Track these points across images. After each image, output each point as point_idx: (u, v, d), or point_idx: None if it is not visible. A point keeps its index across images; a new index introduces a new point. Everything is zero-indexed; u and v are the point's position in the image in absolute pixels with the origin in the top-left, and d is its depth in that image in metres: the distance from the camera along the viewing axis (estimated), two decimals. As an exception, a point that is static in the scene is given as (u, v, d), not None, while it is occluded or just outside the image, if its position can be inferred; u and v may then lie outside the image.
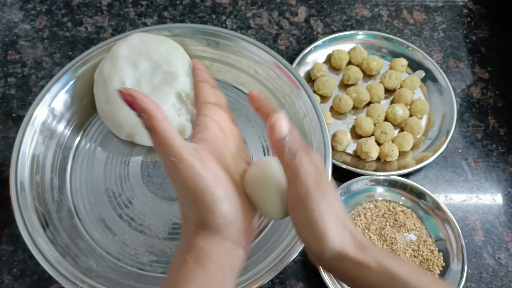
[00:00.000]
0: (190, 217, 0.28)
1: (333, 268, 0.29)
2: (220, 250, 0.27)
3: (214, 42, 0.57)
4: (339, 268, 0.28)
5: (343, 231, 0.28)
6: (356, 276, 0.27)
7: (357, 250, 0.28)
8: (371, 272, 0.27)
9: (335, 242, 0.27)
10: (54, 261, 0.43)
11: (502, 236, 0.53)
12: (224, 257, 0.27)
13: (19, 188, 0.46)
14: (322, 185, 0.28)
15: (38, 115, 0.50)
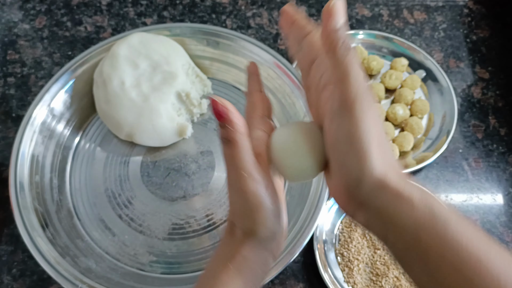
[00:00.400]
0: (239, 226, 0.29)
1: (366, 203, 0.24)
2: (260, 260, 0.29)
3: (214, 41, 0.56)
4: (375, 203, 0.23)
5: (386, 154, 0.23)
6: (394, 212, 0.23)
7: (399, 179, 0.23)
8: (413, 208, 0.23)
9: (378, 165, 0.23)
10: (53, 261, 0.43)
11: (503, 237, 0.53)
12: (261, 266, 0.29)
13: (19, 188, 0.46)
14: (370, 95, 0.23)
15: (38, 115, 0.50)
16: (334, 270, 0.49)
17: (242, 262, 0.28)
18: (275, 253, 0.31)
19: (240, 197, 0.27)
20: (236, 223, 0.30)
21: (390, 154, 0.24)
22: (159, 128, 0.51)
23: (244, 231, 0.29)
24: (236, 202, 0.29)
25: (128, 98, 0.51)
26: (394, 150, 0.55)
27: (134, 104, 0.50)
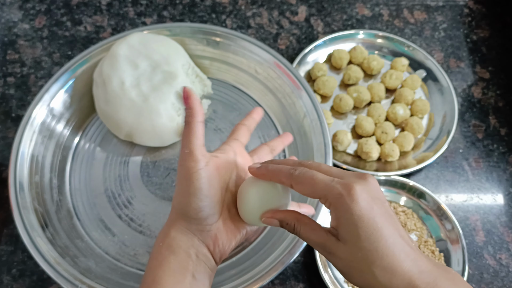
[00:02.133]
0: (175, 206, 0.33)
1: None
2: (189, 242, 0.31)
3: (214, 41, 0.56)
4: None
5: (411, 258, 0.26)
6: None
7: (427, 280, 0.26)
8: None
9: (406, 275, 0.26)
10: (53, 261, 0.43)
11: (503, 237, 0.53)
12: (192, 249, 0.31)
13: (18, 188, 0.46)
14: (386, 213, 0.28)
15: (37, 115, 0.50)
16: (334, 270, 0.49)
17: (171, 242, 0.31)
18: (211, 249, 0.32)
19: (180, 174, 0.31)
20: (174, 204, 0.33)
21: (398, 273, 0.26)
22: (159, 128, 0.51)
23: (177, 208, 0.32)
24: (178, 179, 0.32)
25: (127, 98, 0.51)
26: (394, 150, 0.55)
27: (134, 104, 0.50)
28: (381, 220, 0.27)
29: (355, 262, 0.27)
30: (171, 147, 0.54)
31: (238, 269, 0.45)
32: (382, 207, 0.27)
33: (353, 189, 0.27)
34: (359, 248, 0.26)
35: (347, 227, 0.27)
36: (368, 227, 0.26)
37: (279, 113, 0.56)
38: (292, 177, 0.29)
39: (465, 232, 0.53)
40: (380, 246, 0.26)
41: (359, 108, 0.60)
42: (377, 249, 0.26)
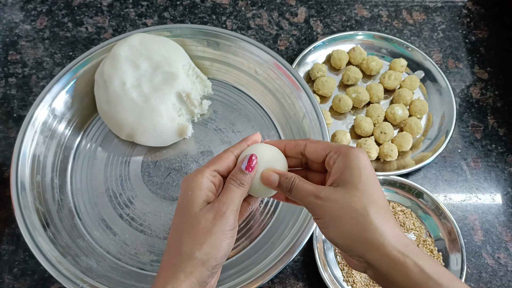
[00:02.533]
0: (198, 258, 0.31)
1: (373, 265, 0.29)
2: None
3: (214, 42, 0.57)
4: (379, 267, 0.29)
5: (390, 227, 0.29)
6: (393, 275, 0.28)
7: (399, 248, 0.28)
8: (409, 272, 0.28)
9: (384, 239, 0.28)
10: (54, 260, 0.43)
11: (501, 236, 0.53)
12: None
13: (20, 188, 0.46)
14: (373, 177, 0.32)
15: (39, 115, 0.51)
16: (334, 269, 0.49)
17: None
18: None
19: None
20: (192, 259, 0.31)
21: (389, 221, 0.29)
22: (160, 128, 0.51)
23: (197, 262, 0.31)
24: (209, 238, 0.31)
25: (129, 98, 0.51)
26: (393, 150, 0.55)
27: (135, 105, 0.51)
28: (376, 181, 0.31)
29: (352, 201, 0.30)
30: (172, 147, 0.55)
31: (238, 268, 0.46)
32: (375, 173, 0.32)
33: (362, 150, 0.32)
34: (359, 189, 0.30)
35: (352, 172, 0.30)
36: (368, 175, 0.31)
37: (278, 113, 0.56)
38: (309, 140, 0.34)
39: (464, 232, 0.53)
40: (375, 195, 0.30)
41: (358, 108, 0.61)
42: (373, 195, 0.30)
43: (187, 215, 0.31)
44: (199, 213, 0.31)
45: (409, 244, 0.29)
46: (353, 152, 0.31)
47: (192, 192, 0.31)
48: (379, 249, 0.28)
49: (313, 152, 0.34)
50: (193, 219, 0.31)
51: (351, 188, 0.30)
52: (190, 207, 0.31)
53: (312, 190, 0.31)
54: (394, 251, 0.28)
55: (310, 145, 0.34)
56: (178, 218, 0.32)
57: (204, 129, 0.56)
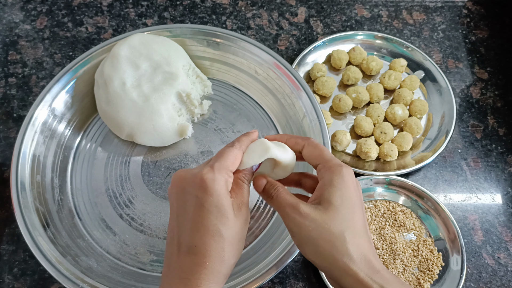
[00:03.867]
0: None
1: (340, 283, 0.30)
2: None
3: (214, 42, 0.57)
4: (346, 285, 0.29)
5: (360, 246, 0.30)
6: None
7: (367, 270, 0.29)
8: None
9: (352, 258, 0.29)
10: (54, 260, 0.43)
11: (502, 236, 0.53)
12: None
13: (20, 188, 0.46)
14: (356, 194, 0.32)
15: (39, 115, 0.51)
16: (334, 269, 0.49)
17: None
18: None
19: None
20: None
21: (364, 247, 0.30)
22: (160, 128, 0.51)
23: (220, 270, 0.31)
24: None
25: (129, 98, 0.51)
26: (393, 150, 0.55)
27: (135, 105, 0.51)
28: (358, 203, 0.32)
29: (330, 224, 0.30)
30: (172, 147, 0.55)
31: (238, 268, 0.46)
32: (360, 194, 0.32)
33: (349, 168, 0.32)
34: (339, 212, 0.30)
35: (334, 191, 0.31)
36: (351, 197, 0.31)
37: (278, 113, 0.56)
38: (309, 140, 0.35)
39: (464, 232, 0.53)
40: (354, 219, 0.30)
41: (358, 108, 0.61)
42: (351, 220, 0.30)
43: (226, 224, 0.30)
44: (235, 219, 0.31)
45: (381, 270, 0.30)
46: (339, 171, 0.31)
47: (225, 198, 0.31)
48: (351, 275, 0.29)
49: (308, 155, 0.34)
50: (232, 227, 0.31)
51: (332, 210, 0.30)
52: (229, 215, 0.31)
53: (292, 202, 0.31)
54: (366, 278, 0.29)
55: (307, 148, 0.34)
56: (214, 224, 0.30)
57: (204, 129, 0.56)
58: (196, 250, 0.30)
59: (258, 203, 0.51)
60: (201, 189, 0.31)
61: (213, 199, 0.30)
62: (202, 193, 0.31)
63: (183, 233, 0.31)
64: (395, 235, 0.51)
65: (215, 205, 0.30)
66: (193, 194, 0.31)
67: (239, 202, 0.32)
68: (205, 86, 0.58)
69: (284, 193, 0.32)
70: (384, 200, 0.54)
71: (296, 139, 0.35)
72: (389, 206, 0.54)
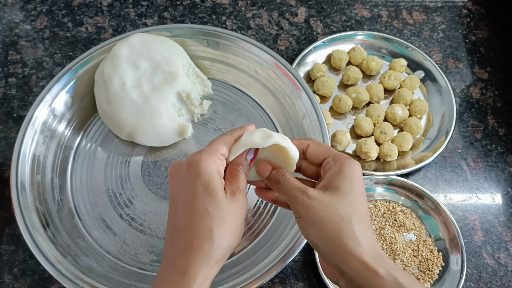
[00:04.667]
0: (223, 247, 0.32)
1: (345, 274, 0.30)
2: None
3: (214, 42, 0.57)
4: (352, 275, 0.29)
5: (365, 234, 0.30)
6: (366, 283, 0.29)
7: (372, 256, 0.29)
8: (382, 280, 0.28)
9: (358, 247, 0.29)
10: (54, 260, 0.43)
11: (502, 236, 0.53)
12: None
13: (20, 188, 0.46)
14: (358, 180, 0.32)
15: (39, 115, 0.51)
16: (334, 269, 0.49)
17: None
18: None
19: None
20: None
21: (368, 233, 0.30)
22: (160, 128, 0.51)
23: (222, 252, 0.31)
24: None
25: (129, 98, 0.51)
26: (393, 150, 0.55)
27: (135, 105, 0.51)
28: (364, 193, 0.32)
29: (338, 206, 0.30)
30: (172, 147, 0.55)
31: (238, 268, 0.46)
32: (364, 187, 0.33)
33: (357, 162, 0.33)
34: (347, 197, 0.31)
35: (344, 180, 0.31)
36: (358, 186, 0.32)
37: (278, 113, 0.56)
38: (312, 140, 0.35)
39: (464, 232, 0.53)
40: (360, 206, 0.31)
41: (358, 108, 0.61)
42: (359, 206, 0.31)
43: (214, 203, 0.30)
44: (226, 201, 0.31)
45: (384, 255, 0.30)
46: (349, 162, 0.32)
47: (213, 179, 0.31)
48: (356, 258, 0.29)
49: (314, 153, 0.35)
50: (222, 208, 0.31)
51: (340, 195, 0.31)
52: (216, 194, 0.31)
53: (301, 186, 0.32)
54: (371, 260, 0.29)
55: (312, 145, 0.35)
56: (202, 203, 0.30)
57: (204, 129, 0.56)
58: (185, 232, 0.30)
59: (258, 203, 0.51)
60: (190, 170, 0.31)
61: (200, 179, 0.31)
62: (191, 174, 0.31)
63: (175, 217, 0.32)
64: (395, 235, 0.51)
65: (202, 184, 0.31)
66: (184, 177, 0.32)
67: (233, 188, 0.32)
68: (205, 86, 0.58)
69: (292, 178, 0.33)
70: (384, 200, 0.54)
71: (299, 140, 0.36)
72: (389, 206, 0.54)
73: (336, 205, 0.30)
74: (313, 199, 0.31)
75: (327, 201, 0.30)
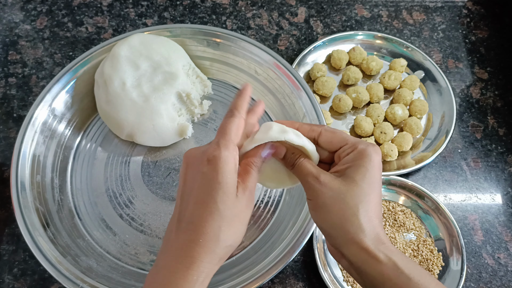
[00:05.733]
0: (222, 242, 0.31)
1: (346, 256, 0.30)
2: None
3: (214, 42, 0.57)
4: (352, 258, 0.30)
5: (371, 220, 0.30)
6: (365, 266, 0.30)
7: (373, 241, 0.30)
8: (382, 265, 0.29)
9: (362, 232, 0.30)
10: (54, 260, 0.43)
11: (502, 236, 0.53)
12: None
13: (20, 188, 0.46)
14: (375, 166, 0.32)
15: (39, 115, 0.51)
16: (334, 269, 0.49)
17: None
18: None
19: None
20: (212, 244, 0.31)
21: (374, 220, 0.31)
22: (160, 128, 0.51)
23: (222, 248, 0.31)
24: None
25: (129, 98, 0.51)
26: (393, 150, 0.55)
27: (135, 105, 0.51)
28: (379, 183, 0.32)
29: (347, 195, 0.30)
30: (172, 147, 0.55)
31: (238, 268, 0.46)
32: (381, 175, 0.33)
33: (377, 148, 0.33)
34: (358, 186, 0.30)
35: (359, 168, 0.31)
36: (373, 176, 0.31)
37: (279, 113, 0.56)
38: (324, 128, 0.34)
39: (464, 232, 0.53)
40: (371, 195, 0.31)
41: (358, 108, 0.61)
42: (369, 195, 0.31)
43: (227, 202, 0.30)
44: (237, 201, 0.31)
45: (387, 242, 0.30)
46: (367, 151, 0.32)
47: (230, 176, 0.30)
48: (357, 244, 0.30)
49: (328, 141, 0.34)
50: (233, 207, 0.30)
51: (351, 183, 0.31)
52: (230, 194, 0.30)
53: (313, 171, 0.32)
54: (372, 246, 0.29)
55: (325, 134, 0.34)
56: (215, 201, 0.30)
57: (204, 129, 0.56)
58: (193, 227, 0.30)
59: (258, 203, 0.51)
60: (209, 167, 0.31)
61: (219, 176, 0.30)
62: (210, 171, 0.30)
63: (185, 209, 0.31)
64: (395, 235, 0.51)
65: (219, 182, 0.30)
66: (201, 171, 0.31)
67: (244, 186, 0.32)
68: (205, 86, 0.58)
69: (305, 162, 0.33)
70: (384, 200, 0.54)
71: (311, 126, 0.35)
72: (389, 206, 0.54)
73: (346, 193, 0.30)
74: (323, 185, 0.31)
75: (337, 188, 0.31)
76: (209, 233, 0.30)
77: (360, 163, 0.31)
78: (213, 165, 0.30)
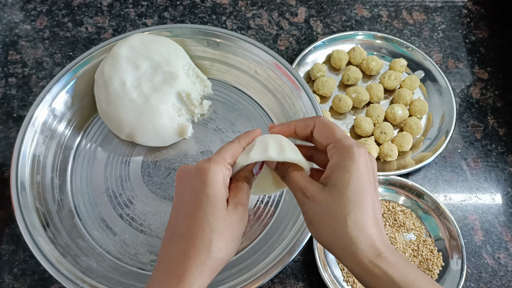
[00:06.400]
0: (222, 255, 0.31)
1: (345, 264, 0.30)
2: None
3: (214, 42, 0.57)
4: (351, 267, 0.30)
5: (371, 233, 0.30)
6: (364, 279, 0.29)
7: (371, 256, 0.29)
8: (377, 279, 0.29)
9: (361, 245, 0.29)
10: (54, 260, 0.43)
11: (502, 236, 0.53)
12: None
13: (20, 188, 0.46)
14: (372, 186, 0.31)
15: (39, 115, 0.51)
16: (334, 269, 0.49)
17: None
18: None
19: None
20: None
21: (369, 229, 0.29)
22: (160, 128, 0.51)
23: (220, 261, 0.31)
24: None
25: (129, 98, 0.51)
26: (393, 150, 0.55)
27: (135, 105, 0.51)
28: (369, 185, 0.30)
29: (332, 208, 0.29)
30: (172, 147, 0.55)
31: (238, 268, 0.46)
32: (373, 176, 0.31)
33: (362, 148, 0.31)
34: (343, 195, 0.29)
35: (342, 174, 0.30)
36: (358, 181, 0.29)
37: (278, 113, 0.56)
38: (319, 119, 0.33)
39: (464, 232, 0.53)
40: (361, 202, 0.29)
41: (358, 108, 0.61)
42: (357, 202, 0.29)
43: (216, 214, 0.30)
44: (227, 214, 0.31)
45: (383, 253, 0.29)
46: (350, 151, 0.30)
47: (218, 189, 0.31)
48: (351, 257, 0.29)
49: (319, 136, 0.33)
50: (223, 220, 0.30)
51: (335, 193, 0.30)
52: (219, 206, 0.30)
53: (301, 185, 0.32)
54: (365, 260, 0.29)
55: (318, 128, 0.33)
56: (205, 213, 0.30)
57: (204, 129, 0.56)
58: (184, 240, 0.30)
59: (258, 203, 0.51)
60: (197, 178, 0.31)
61: (207, 188, 0.30)
62: (198, 182, 0.31)
63: (176, 223, 0.32)
64: (395, 235, 0.51)
65: (207, 194, 0.30)
66: (190, 184, 0.31)
67: (236, 200, 0.32)
68: (205, 86, 0.58)
69: (295, 175, 0.32)
70: (384, 200, 0.54)
71: (305, 121, 0.34)
72: (389, 206, 0.54)
73: (332, 206, 0.30)
74: (311, 199, 0.31)
75: (323, 202, 0.30)
76: (199, 245, 0.30)
77: (343, 167, 0.30)
78: (201, 177, 0.31)
